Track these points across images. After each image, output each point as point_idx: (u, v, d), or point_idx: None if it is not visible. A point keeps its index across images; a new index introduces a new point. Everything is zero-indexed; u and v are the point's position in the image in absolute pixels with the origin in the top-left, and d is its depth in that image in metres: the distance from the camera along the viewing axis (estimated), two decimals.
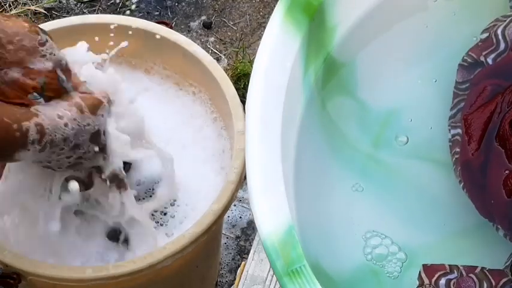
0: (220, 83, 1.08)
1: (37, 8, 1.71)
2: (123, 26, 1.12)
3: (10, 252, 0.96)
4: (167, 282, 1.08)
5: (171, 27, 1.16)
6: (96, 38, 1.11)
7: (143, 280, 0.99)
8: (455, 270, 0.81)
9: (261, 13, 1.73)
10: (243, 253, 1.44)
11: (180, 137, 1.11)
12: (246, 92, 0.80)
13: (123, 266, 0.95)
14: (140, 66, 1.16)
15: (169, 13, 1.72)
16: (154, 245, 1.00)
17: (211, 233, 1.00)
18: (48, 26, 1.10)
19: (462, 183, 0.88)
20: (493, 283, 0.80)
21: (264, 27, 0.84)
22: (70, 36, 1.10)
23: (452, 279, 0.80)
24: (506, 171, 0.83)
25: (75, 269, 0.95)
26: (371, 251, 0.86)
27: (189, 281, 1.17)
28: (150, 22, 1.13)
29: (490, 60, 0.90)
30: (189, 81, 1.14)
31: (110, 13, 1.70)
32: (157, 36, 1.12)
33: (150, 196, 1.04)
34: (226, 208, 1.00)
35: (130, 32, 1.12)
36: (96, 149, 0.90)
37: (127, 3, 1.73)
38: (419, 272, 0.81)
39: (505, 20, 0.90)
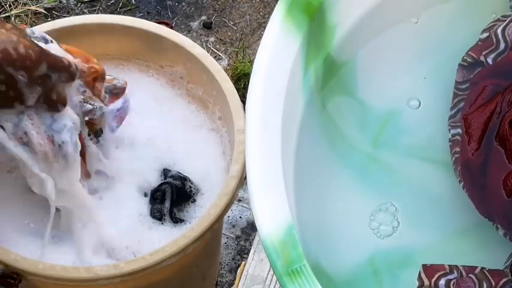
0: (220, 84, 1.09)
1: (37, 8, 1.71)
2: (123, 26, 1.12)
3: (10, 252, 0.96)
4: (168, 282, 1.09)
5: (171, 28, 1.16)
6: (97, 39, 1.11)
7: (146, 279, 0.99)
8: (455, 271, 0.81)
9: (261, 13, 1.73)
10: (243, 253, 1.44)
11: (180, 136, 1.11)
12: (246, 92, 0.80)
13: (126, 266, 0.95)
14: (140, 65, 1.16)
15: (169, 13, 1.72)
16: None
17: (213, 231, 1.00)
18: (48, 26, 1.10)
19: (462, 183, 0.88)
20: (493, 283, 0.80)
21: (264, 27, 0.84)
22: (70, 36, 1.10)
23: (452, 279, 0.80)
24: (506, 171, 0.83)
25: (75, 269, 0.95)
26: (371, 250, 0.87)
27: (190, 280, 1.17)
28: (151, 22, 1.13)
29: (490, 60, 0.90)
30: (189, 81, 1.14)
31: (110, 13, 1.70)
32: (158, 37, 1.12)
33: None
34: (229, 204, 1.00)
35: (130, 32, 1.12)
36: None
37: (127, 3, 1.73)
38: (419, 272, 0.81)
39: (505, 20, 0.90)
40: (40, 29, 1.08)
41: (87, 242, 1.02)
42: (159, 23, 1.16)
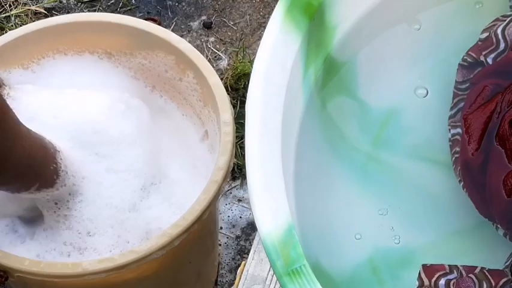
0: (207, 77, 1.09)
1: (37, 8, 1.71)
2: (111, 23, 1.12)
3: None
4: (160, 278, 1.08)
5: (159, 24, 1.17)
6: (87, 36, 1.11)
7: (135, 274, 0.99)
8: (454, 271, 0.81)
9: (261, 13, 1.72)
10: (243, 253, 1.44)
11: (171, 129, 1.12)
12: (246, 92, 0.80)
13: (115, 260, 0.95)
14: (134, 64, 1.16)
15: (169, 13, 1.72)
16: None
17: (202, 224, 1.00)
18: (45, 23, 1.11)
19: (462, 183, 0.88)
20: (493, 283, 0.80)
21: (264, 27, 0.84)
22: (69, 35, 1.10)
23: (451, 279, 0.80)
24: (506, 171, 0.83)
25: (63, 265, 0.95)
26: (371, 250, 0.87)
27: (183, 277, 1.17)
28: (138, 19, 1.14)
29: (490, 60, 0.90)
30: (176, 75, 1.15)
31: (109, 13, 1.70)
32: (145, 33, 1.12)
33: None
34: (216, 196, 1.00)
35: (118, 29, 1.12)
36: None
37: (127, 3, 1.73)
38: (419, 272, 0.81)
39: (505, 20, 0.90)
40: (36, 26, 1.09)
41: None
42: (146, 19, 1.17)
